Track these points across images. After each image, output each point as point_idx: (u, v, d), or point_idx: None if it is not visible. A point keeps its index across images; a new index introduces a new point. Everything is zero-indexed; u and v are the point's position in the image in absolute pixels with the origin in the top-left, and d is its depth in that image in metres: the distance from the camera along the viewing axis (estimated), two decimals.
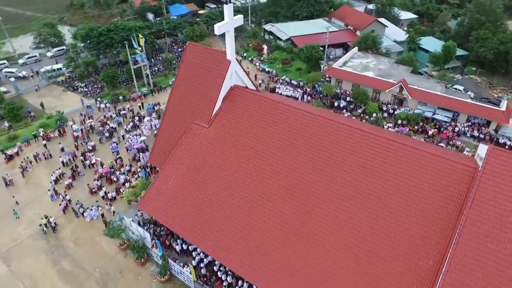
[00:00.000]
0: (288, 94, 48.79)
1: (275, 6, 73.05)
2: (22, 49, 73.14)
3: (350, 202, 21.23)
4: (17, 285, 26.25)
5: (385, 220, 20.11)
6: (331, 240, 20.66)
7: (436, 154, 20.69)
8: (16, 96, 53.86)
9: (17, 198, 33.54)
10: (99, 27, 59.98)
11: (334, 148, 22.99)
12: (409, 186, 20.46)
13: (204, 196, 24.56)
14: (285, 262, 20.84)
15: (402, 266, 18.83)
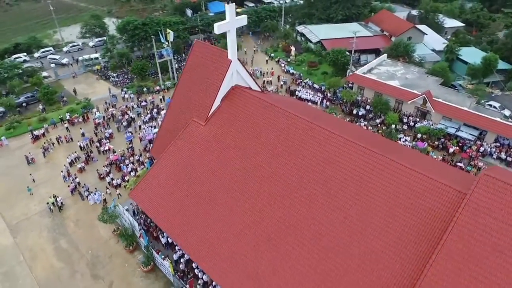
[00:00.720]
0: (307, 98, 47.90)
1: (310, 7, 71.84)
2: (71, 38, 78.54)
3: (330, 215, 20.37)
4: (18, 257, 28.29)
5: (362, 236, 19.02)
6: (303, 252, 19.96)
7: (422, 173, 19.19)
8: (55, 81, 57.89)
9: (34, 176, 36.08)
10: (135, 21, 62.75)
11: (321, 158, 22.18)
12: (391, 204, 19.20)
13: (189, 193, 24.81)
14: (254, 269, 20.49)
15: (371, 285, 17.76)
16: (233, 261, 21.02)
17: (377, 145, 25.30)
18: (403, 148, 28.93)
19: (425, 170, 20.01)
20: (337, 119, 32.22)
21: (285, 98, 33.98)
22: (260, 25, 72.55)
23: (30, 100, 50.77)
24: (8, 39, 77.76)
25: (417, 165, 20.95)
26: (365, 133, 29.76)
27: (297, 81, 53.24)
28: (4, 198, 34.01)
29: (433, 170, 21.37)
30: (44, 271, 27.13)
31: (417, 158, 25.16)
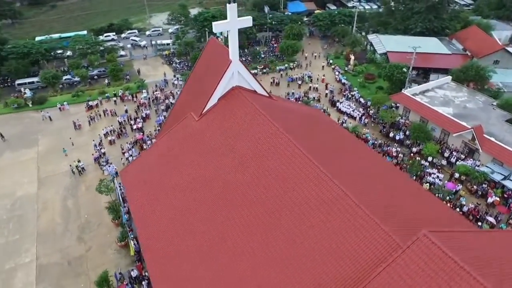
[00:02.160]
0: (346, 111, 44.83)
1: (388, 16, 66.25)
2: (160, 23, 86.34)
3: (269, 234, 19.02)
4: (34, 205, 32.84)
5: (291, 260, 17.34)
6: (235, 265, 19.09)
7: (367, 213, 16.55)
8: (129, 60, 64.50)
9: (74, 140, 41.14)
10: (207, 13, 66.08)
11: (280, 177, 20.69)
12: (329, 238, 17.06)
13: (163, 185, 25.55)
14: (191, 273, 20.28)
15: None
16: (173, 262, 21.03)
17: (360, 172, 22.73)
18: (400, 183, 25.03)
19: (383, 209, 17.30)
20: (337, 138, 29.08)
21: (291, 106, 31.70)
22: (331, 29, 69.76)
23: (101, 74, 57.54)
24: (109, 19, 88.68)
25: (381, 202, 18.20)
26: (364, 160, 26.59)
27: (344, 91, 50.06)
28: (46, 154, 39.58)
29: (401, 210, 18.31)
30: (46, 222, 31.02)
31: (401, 195, 21.72)
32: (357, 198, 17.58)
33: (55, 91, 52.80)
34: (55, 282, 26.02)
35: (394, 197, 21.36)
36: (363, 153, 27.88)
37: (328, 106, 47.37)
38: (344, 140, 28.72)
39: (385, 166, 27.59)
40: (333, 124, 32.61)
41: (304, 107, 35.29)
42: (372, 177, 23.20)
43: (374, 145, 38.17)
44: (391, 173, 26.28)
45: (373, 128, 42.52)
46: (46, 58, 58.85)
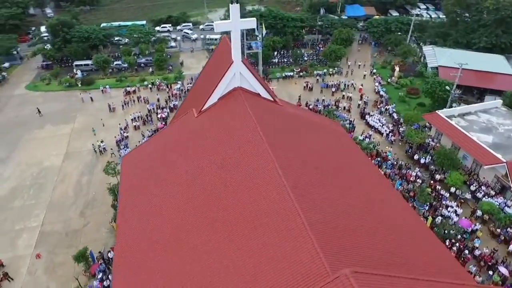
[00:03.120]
0: (374, 126, 41.96)
1: (451, 27, 60.23)
2: (218, 19, 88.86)
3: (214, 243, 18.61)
4: (54, 176, 36.08)
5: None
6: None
7: (312, 239, 15.27)
8: (177, 51, 67.44)
9: (105, 122, 44.25)
10: (256, 11, 66.29)
11: (242, 187, 19.99)
12: (264, 252, 16.17)
13: (152, 175, 26.30)
14: (147, 258, 20.64)
15: None
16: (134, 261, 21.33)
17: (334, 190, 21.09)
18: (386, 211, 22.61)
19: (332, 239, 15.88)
20: (335, 153, 27.06)
21: (297, 113, 30.02)
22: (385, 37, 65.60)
23: (148, 63, 60.97)
24: (172, 11, 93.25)
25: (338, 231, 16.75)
26: (357, 182, 24.47)
27: (379, 104, 46.83)
28: (79, 131, 43.17)
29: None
30: (59, 193, 33.90)
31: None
32: (310, 218, 16.36)
33: (105, 74, 57.22)
34: (50, 249, 28.36)
35: (377, 231, 19.39)
36: (362, 174, 25.83)
37: (357, 117, 44.77)
38: (343, 156, 26.90)
39: (385, 192, 25.20)
40: (342, 138, 30.66)
41: (317, 116, 33.67)
42: (359, 204, 21.26)
43: (393, 165, 35.23)
44: (389, 202, 23.94)
45: (399, 147, 39.24)
46: (103, 44, 63.96)
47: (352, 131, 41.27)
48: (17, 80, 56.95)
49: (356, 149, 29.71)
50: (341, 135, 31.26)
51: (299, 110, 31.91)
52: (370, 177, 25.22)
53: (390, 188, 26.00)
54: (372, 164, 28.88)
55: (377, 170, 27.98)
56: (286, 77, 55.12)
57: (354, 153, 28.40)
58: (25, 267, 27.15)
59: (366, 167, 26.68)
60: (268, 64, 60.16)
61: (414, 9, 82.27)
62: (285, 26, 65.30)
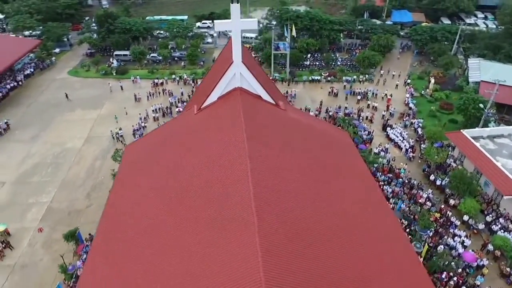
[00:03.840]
0: (394, 140, 39.52)
1: (503, 39, 54.77)
2: (260, 18, 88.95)
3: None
4: (72, 157, 38.49)
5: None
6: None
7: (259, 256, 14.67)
8: (212, 47, 68.67)
9: (128, 111, 46.32)
10: (294, 12, 65.36)
11: (205, 191, 19.73)
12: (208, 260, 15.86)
13: (146, 167, 27.01)
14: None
15: None
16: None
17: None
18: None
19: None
20: (327, 164, 25.60)
21: (299, 119, 28.65)
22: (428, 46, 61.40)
23: (182, 57, 62.75)
24: (217, 8, 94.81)
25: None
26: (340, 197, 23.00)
27: (405, 117, 43.95)
28: (104, 117, 45.60)
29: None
30: (72, 174, 36.13)
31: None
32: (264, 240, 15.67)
33: (140, 65, 59.85)
34: (52, 225, 30.34)
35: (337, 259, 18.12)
36: (349, 190, 24.30)
37: (378, 129, 42.43)
38: (335, 169, 25.51)
39: (370, 215, 23.34)
40: (344, 148, 29.15)
41: (323, 124, 32.33)
42: (327, 231, 19.87)
43: (403, 184, 32.92)
44: (371, 228, 22.14)
45: (417, 165, 36.55)
46: (143, 36, 66.94)
47: (368, 142, 39.20)
48: (63, 65, 61.49)
49: (356, 162, 28.09)
50: (344, 145, 29.77)
51: (304, 115, 30.89)
52: (357, 194, 23.71)
53: (380, 210, 24.12)
54: (370, 179, 27.06)
55: (373, 186, 26.15)
56: (313, 81, 53.73)
57: (351, 166, 26.90)
58: (27, 238, 29.33)
59: (359, 183, 25.13)
60: (299, 67, 59.10)
61: (469, 17, 76.07)
62: (321, 28, 63.65)
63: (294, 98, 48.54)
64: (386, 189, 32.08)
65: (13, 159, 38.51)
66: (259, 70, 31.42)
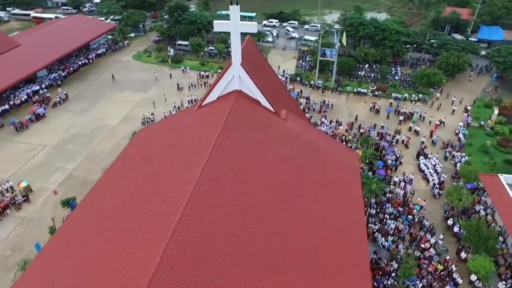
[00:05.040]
0: (424, 170, 35.15)
1: None
2: (331, 21, 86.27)
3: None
4: (106, 132, 42.20)
5: None
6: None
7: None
8: (270, 47, 68.59)
9: (168, 98, 48.95)
10: (357, 18, 61.86)
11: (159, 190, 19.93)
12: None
13: (132, 155, 28.44)
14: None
15: None
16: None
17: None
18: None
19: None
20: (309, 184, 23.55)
21: (298, 132, 26.45)
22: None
23: None
24: (292, 8, 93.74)
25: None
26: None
27: (448, 147, 38.60)
28: (145, 101, 48.98)
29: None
30: (99, 149, 39.65)
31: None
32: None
33: (197, 56, 62.74)
34: (66, 190, 33.80)
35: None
36: (318, 215, 22.29)
37: (412, 156, 38.08)
38: (313, 189, 23.64)
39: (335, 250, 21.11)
40: (341, 171, 26.78)
41: (328, 141, 29.91)
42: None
43: (412, 222, 29.15)
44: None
45: (441, 205, 31.92)
46: (206, 29, 69.78)
47: (391, 168, 35.48)
48: (133, 49, 67.40)
49: (349, 186, 25.69)
50: (343, 166, 27.39)
51: (308, 129, 28.99)
52: (323, 221, 21.64)
53: (349, 245, 21.56)
54: (358, 209, 24.43)
55: (357, 219, 23.52)
56: (359, 93, 50.26)
57: (337, 189, 24.69)
58: (43, 197, 33.22)
59: (336, 209, 22.93)
60: (351, 76, 55.87)
61: None
62: (385, 38, 59.03)
63: (329, 108, 46.03)
64: (389, 223, 28.75)
65: (60, 126, 43.78)
66: (268, 74, 30.51)
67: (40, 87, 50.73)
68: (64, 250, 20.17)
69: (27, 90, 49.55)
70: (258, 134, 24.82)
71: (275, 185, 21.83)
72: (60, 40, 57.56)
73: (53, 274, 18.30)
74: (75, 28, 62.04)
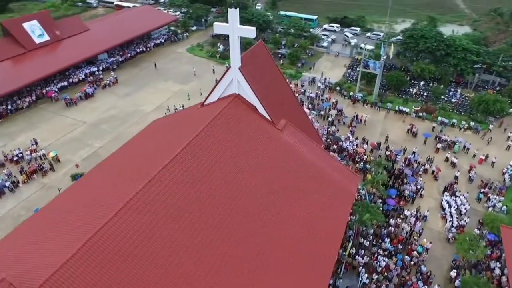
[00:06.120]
0: (446, 208, 31.07)
1: None
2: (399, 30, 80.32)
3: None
4: (137, 118, 44.95)
5: None
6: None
7: None
8: (323, 52, 66.33)
9: (203, 92, 50.05)
10: (417, 30, 56.58)
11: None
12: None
13: (132, 144, 29.88)
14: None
15: None
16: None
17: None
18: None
19: None
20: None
21: (284, 143, 24.57)
22: None
23: (285, 54, 63.28)
24: (359, 13, 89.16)
25: None
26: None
27: (484, 187, 33.48)
28: (182, 93, 50.70)
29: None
30: (127, 132, 42.32)
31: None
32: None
33: None
34: (86, 165, 36.61)
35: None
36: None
37: (438, 191, 33.86)
38: (277, 211, 22.33)
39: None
40: (331, 193, 24.86)
41: (327, 160, 27.61)
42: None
43: (404, 266, 25.97)
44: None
45: (454, 252, 27.85)
46: (261, 28, 69.90)
47: (409, 201, 32.00)
48: (190, 42, 70.46)
49: (330, 210, 23.83)
50: (334, 188, 25.45)
51: (306, 144, 27.26)
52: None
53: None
54: (333, 239, 22.46)
55: (325, 253, 21.63)
56: (400, 112, 46.01)
57: (314, 212, 23.03)
58: (66, 169, 36.73)
59: (295, 234, 21.40)
60: (401, 92, 51.40)
61: None
62: (449, 55, 53.06)
63: (360, 124, 42.98)
64: (380, 260, 26.01)
65: (102, 106, 47.87)
66: (276, 81, 29.47)
67: (97, 69, 55.93)
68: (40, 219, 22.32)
69: (86, 70, 55.02)
70: (241, 140, 24.24)
71: (239, 192, 21.24)
72: (124, 27, 62.66)
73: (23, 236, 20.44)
74: (140, 18, 66.93)
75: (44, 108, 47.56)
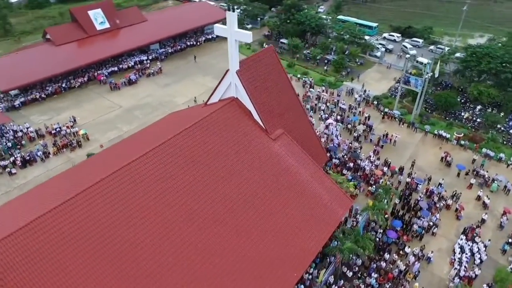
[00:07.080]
0: (463, 246, 27.38)
1: None
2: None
3: None
4: (168, 108, 46.80)
5: None
6: None
7: None
8: (374, 62, 62.42)
9: None
10: (487, 48, 50.13)
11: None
12: None
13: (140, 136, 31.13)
14: None
15: None
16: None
17: None
18: None
19: None
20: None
21: (274, 154, 22.94)
22: None
23: (330, 60, 60.73)
24: (427, 24, 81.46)
25: None
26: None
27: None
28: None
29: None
30: (153, 120, 44.11)
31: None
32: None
33: (292, 57, 62.43)
34: (109, 146, 39.64)
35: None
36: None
37: (457, 231, 29.88)
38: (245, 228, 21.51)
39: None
40: (315, 213, 23.30)
41: (317, 178, 25.53)
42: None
43: None
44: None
45: None
46: (313, 31, 67.98)
47: (410, 234, 28.82)
48: None
49: (306, 233, 22.37)
50: (315, 214, 23.83)
51: (299, 158, 25.73)
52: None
53: None
54: (302, 260, 21.03)
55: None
56: (439, 137, 41.39)
57: (287, 231, 21.84)
58: (92, 147, 39.72)
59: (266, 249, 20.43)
60: (449, 115, 46.21)
61: None
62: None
63: (387, 143, 39.57)
64: None
65: (141, 93, 50.81)
66: (282, 88, 28.34)
67: (147, 58, 59.44)
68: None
69: (136, 58, 58.81)
70: (223, 144, 23.88)
71: (201, 197, 21.04)
72: (179, 20, 65.59)
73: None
74: (196, 12, 69.49)
75: (92, 89, 51.97)
